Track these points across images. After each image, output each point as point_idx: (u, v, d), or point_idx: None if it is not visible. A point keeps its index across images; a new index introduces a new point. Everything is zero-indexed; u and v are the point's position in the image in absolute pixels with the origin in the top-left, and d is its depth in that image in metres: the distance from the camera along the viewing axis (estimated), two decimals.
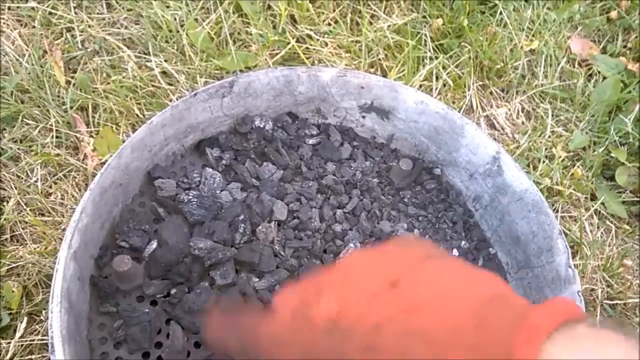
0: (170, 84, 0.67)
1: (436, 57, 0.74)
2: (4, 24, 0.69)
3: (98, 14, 0.72)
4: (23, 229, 0.56)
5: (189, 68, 0.68)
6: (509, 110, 0.75)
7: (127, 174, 0.45)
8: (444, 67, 0.74)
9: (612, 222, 0.69)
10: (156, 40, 0.70)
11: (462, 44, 0.76)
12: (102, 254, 0.44)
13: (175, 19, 0.71)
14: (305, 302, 0.28)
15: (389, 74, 0.72)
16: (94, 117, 0.64)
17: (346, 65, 0.72)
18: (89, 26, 0.70)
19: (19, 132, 0.62)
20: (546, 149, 0.71)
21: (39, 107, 0.63)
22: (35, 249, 0.55)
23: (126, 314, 0.41)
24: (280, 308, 0.31)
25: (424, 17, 0.78)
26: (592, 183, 0.70)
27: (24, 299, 0.53)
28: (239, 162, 0.51)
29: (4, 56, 0.66)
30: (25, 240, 0.56)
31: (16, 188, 0.58)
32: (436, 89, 0.73)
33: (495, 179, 0.52)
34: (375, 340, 0.25)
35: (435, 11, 0.78)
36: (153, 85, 0.66)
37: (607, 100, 0.75)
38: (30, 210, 0.57)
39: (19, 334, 0.50)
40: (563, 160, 0.71)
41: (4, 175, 0.59)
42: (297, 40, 0.72)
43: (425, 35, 0.75)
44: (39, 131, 0.62)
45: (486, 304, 0.23)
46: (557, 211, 0.67)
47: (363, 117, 0.56)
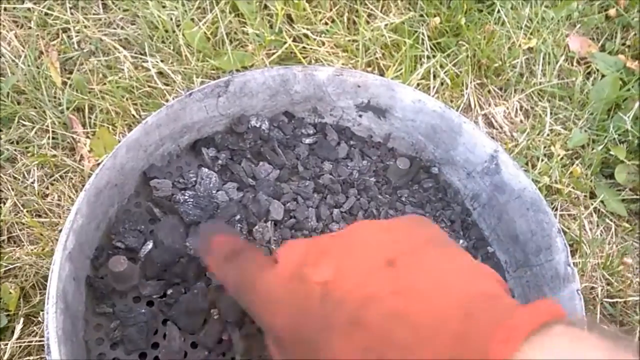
0: (166, 84, 0.67)
1: (434, 56, 0.74)
2: None
3: (94, 14, 0.72)
4: (20, 230, 0.56)
5: (185, 68, 0.68)
6: (507, 108, 0.75)
7: (122, 174, 0.45)
8: (441, 66, 0.74)
9: (611, 220, 0.68)
10: (152, 40, 0.69)
11: (460, 42, 0.76)
12: (98, 254, 0.44)
13: (172, 19, 0.71)
14: (305, 263, 0.28)
15: (387, 73, 0.72)
16: (90, 117, 0.64)
17: (343, 64, 0.72)
18: (85, 27, 0.70)
19: (15, 133, 0.62)
20: (545, 147, 0.71)
21: (35, 108, 0.63)
22: (32, 250, 0.55)
23: (122, 315, 0.41)
24: (282, 262, 0.30)
25: (421, 15, 0.78)
26: (592, 181, 0.70)
27: (21, 300, 0.53)
28: (235, 161, 0.51)
29: (0, 57, 0.66)
30: (23, 242, 0.56)
31: (13, 189, 0.58)
32: (434, 87, 0.72)
33: (493, 177, 0.52)
34: (361, 316, 0.25)
35: (433, 10, 0.78)
36: (149, 86, 0.66)
37: (606, 98, 0.75)
38: (27, 211, 0.57)
39: (16, 335, 0.50)
40: (562, 158, 0.70)
41: (1, 176, 0.59)
42: (293, 40, 0.72)
43: (423, 34, 0.75)
44: (36, 132, 0.62)
45: (476, 299, 0.24)
46: (556, 209, 0.67)
47: (360, 116, 0.55)
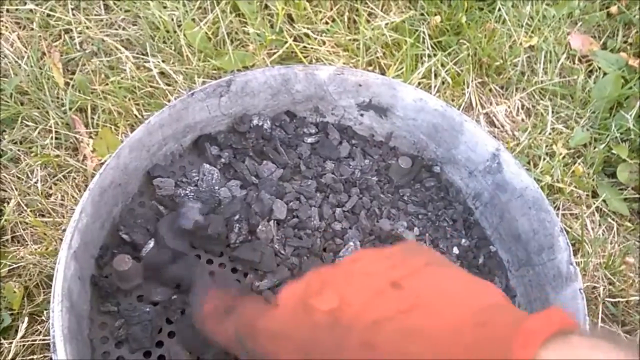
0: (168, 84, 0.67)
1: (434, 55, 0.74)
2: (2, 26, 0.69)
3: (96, 15, 0.72)
4: (24, 229, 0.57)
5: (186, 68, 0.68)
6: (509, 107, 0.75)
7: (126, 174, 0.45)
8: (442, 65, 0.74)
9: (613, 220, 0.68)
10: (154, 40, 0.70)
11: (461, 41, 0.76)
12: (103, 253, 0.44)
13: (173, 20, 0.71)
14: (307, 296, 0.28)
15: (387, 72, 0.72)
16: (93, 118, 0.64)
17: (344, 63, 0.72)
18: (87, 28, 0.70)
19: (18, 133, 0.62)
20: (546, 146, 0.71)
21: (38, 108, 0.64)
22: (36, 249, 0.55)
23: (127, 313, 0.41)
24: (282, 302, 0.30)
25: (422, 14, 0.78)
26: (593, 180, 0.70)
27: (25, 299, 0.53)
28: (238, 160, 0.51)
29: (3, 58, 0.67)
30: (26, 241, 0.56)
31: (16, 189, 0.58)
32: (435, 86, 0.72)
33: (495, 176, 0.52)
34: (373, 338, 0.24)
35: (433, 8, 0.78)
36: (151, 86, 0.66)
37: (608, 96, 0.75)
38: (30, 211, 0.57)
39: (20, 334, 0.51)
40: (564, 157, 0.70)
41: (5, 176, 0.59)
42: (294, 39, 0.72)
43: (424, 33, 0.75)
44: (39, 132, 0.62)
45: (485, 309, 0.24)
46: (558, 209, 0.67)
47: (361, 115, 0.56)
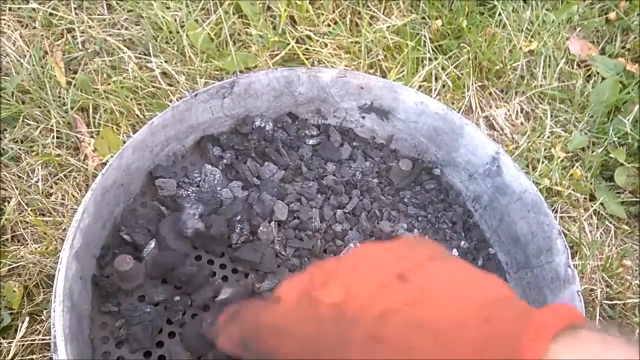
0: (170, 85, 0.67)
1: (435, 58, 0.75)
2: (4, 25, 0.69)
3: (99, 15, 0.72)
4: (24, 229, 0.57)
5: (189, 69, 0.69)
6: (508, 110, 0.75)
7: (128, 174, 0.46)
8: (443, 68, 0.74)
9: (611, 223, 0.69)
10: (156, 41, 0.70)
11: (461, 44, 0.76)
12: (104, 253, 0.44)
13: (176, 20, 0.71)
14: (310, 289, 0.28)
15: (389, 74, 0.72)
16: (94, 117, 0.64)
17: (346, 66, 0.72)
18: (90, 27, 0.70)
19: (19, 132, 0.62)
20: (545, 149, 0.72)
21: (39, 107, 0.64)
22: (36, 249, 0.55)
23: (128, 313, 0.41)
24: (283, 295, 0.29)
25: (423, 18, 0.78)
26: (591, 183, 0.70)
27: (25, 299, 0.53)
28: (240, 161, 0.51)
29: (5, 57, 0.67)
30: (26, 241, 0.56)
31: (17, 188, 0.58)
32: (435, 89, 0.73)
33: (494, 179, 0.53)
34: (380, 331, 0.24)
35: (435, 12, 0.78)
36: (153, 86, 0.67)
37: (606, 100, 0.76)
38: (31, 210, 0.57)
39: (20, 333, 0.51)
40: (562, 160, 0.71)
41: (5, 175, 0.59)
42: (296, 41, 0.72)
43: (425, 36, 0.76)
44: (40, 132, 0.62)
45: (492, 303, 0.24)
46: (557, 211, 0.67)
47: (363, 117, 0.56)
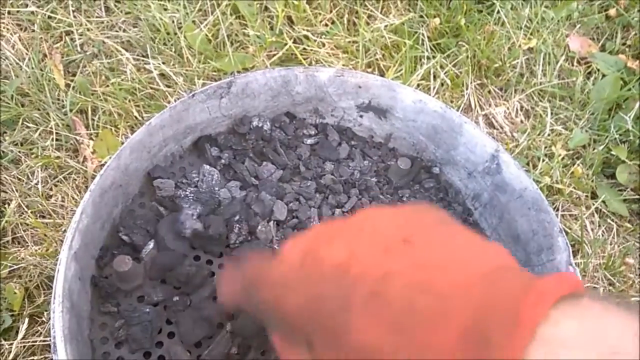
0: (168, 86, 0.68)
1: (434, 57, 0.74)
2: (4, 28, 0.70)
3: (97, 17, 0.72)
4: (24, 231, 0.57)
5: (187, 70, 0.69)
6: (508, 109, 0.75)
7: (126, 175, 0.46)
8: (441, 67, 0.74)
9: (613, 221, 0.68)
10: (154, 42, 0.70)
11: (460, 43, 0.76)
12: (103, 254, 0.44)
13: (173, 22, 0.71)
14: (316, 248, 0.28)
15: (387, 73, 0.72)
16: (93, 119, 0.64)
17: (344, 65, 0.72)
18: (88, 30, 0.71)
19: (19, 135, 0.62)
20: (546, 147, 0.71)
21: (39, 110, 0.64)
22: (36, 250, 0.56)
23: (127, 314, 0.41)
24: (289, 253, 0.29)
25: (421, 16, 0.78)
26: (593, 181, 0.70)
27: (25, 300, 0.53)
28: (238, 161, 0.51)
29: (4, 60, 0.67)
30: (27, 242, 0.56)
31: (17, 190, 0.59)
32: (434, 88, 0.73)
33: (494, 177, 0.52)
34: (382, 290, 0.24)
35: (432, 10, 0.78)
36: (151, 88, 0.67)
37: (607, 98, 0.75)
38: (31, 212, 0.57)
39: (20, 335, 0.51)
40: (563, 158, 0.70)
41: (5, 178, 0.59)
42: (294, 41, 0.72)
43: (423, 35, 0.76)
44: (39, 134, 0.63)
45: (496, 270, 0.24)
46: (558, 210, 0.67)
47: (361, 116, 0.56)
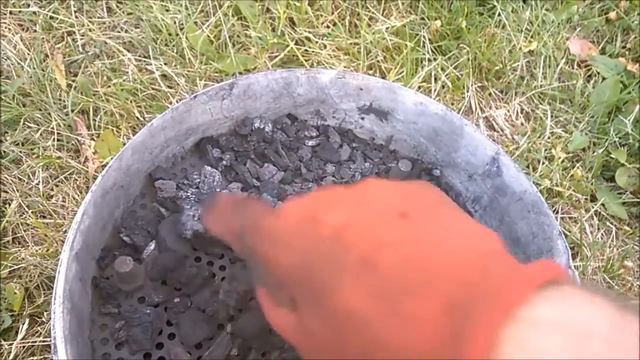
0: (170, 87, 0.68)
1: (435, 59, 0.75)
2: (5, 28, 0.70)
3: (99, 18, 0.72)
4: (25, 231, 0.57)
5: (188, 71, 0.69)
6: (508, 111, 0.75)
7: (128, 175, 0.46)
8: (442, 69, 0.74)
9: (612, 224, 0.68)
10: (156, 43, 0.70)
11: (461, 45, 0.76)
12: (104, 255, 0.44)
13: (175, 23, 0.71)
14: (315, 210, 0.28)
15: (388, 75, 0.72)
16: (94, 120, 0.64)
17: (345, 67, 0.72)
18: (90, 30, 0.71)
19: (20, 135, 0.62)
20: (546, 150, 0.72)
21: (40, 110, 0.64)
22: (36, 251, 0.56)
23: (128, 315, 0.41)
24: (289, 210, 0.30)
25: (422, 19, 0.78)
26: (592, 184, 0.70)
27: (25, 300, 0.53)
28: (240, 162, 0.51)
29: (6, 60, 0.67)
30: (27, 243, 0.56)
31: (18, 190, 0.59)
32: (435, 90, 0.73)
33: (494, 179, 0.53)
34: (374, 258, 0.25)
35: (434, 13, 0.78)
36: (153, 88, 0.67)
37: (607, 101, 0.76)
38: (32, 212, 0.57)
39: (20, 335, 0.51)
40: (563, 161, 0.71)
41: (6, 178, 0.59)
42: (295, 43, 0.73)
43: (424, 37, 0.76)
44: (41, 134, 0.63)
45: (486, 253, 0.25)
46: (557, 212, 0.67)
47: (362, 118, 0.56)
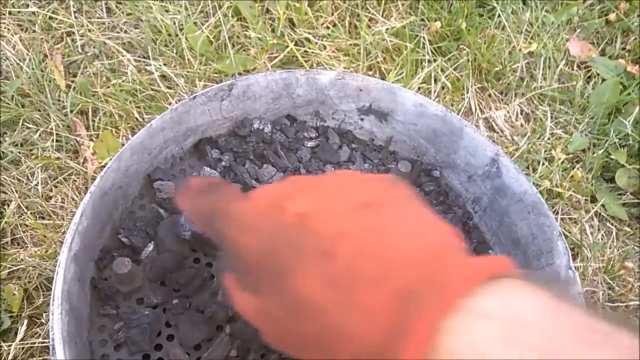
0: (169, 88, 0.68)
1: (434, 60, 0.75)
2: (4, 28, 0.70)
3: (98, 18, 0.72)
4: (24, 232, 0.57)
5: (188, 72, 0.69)
6: (508, 112, 0.75)
7: (126, 176, 0.46)
8: (442, 70, 0.74)
9: (612, 224, 0.68)
10: (155, 44, 0.70)
11: (461, 46, 0.76)
12: (102, 256, 0.44)
13: (175, 23, 0.71)
14: (282, 197, 0.30)
15: (388, 76, 0.72)
16: (94, 120, 0.64)
17: (345, 68, 0.72)
18: (89, 30, 0.71)
19: (19, 135, 0.62)
20: (545, 151, 0.72)
21: (39, 111, 0.64)
22: (35, 252, 0.55)
23: (126, 316, 0.41)
24: (257, 196, 0.32)
25: (422, 20, 0.78)
26: (592, 185, 0.70)
27: (24, 302, 0.53)
28: (239, 163, 0.51)
29: (5, 60, 0.67)
30: (26, 244, 0.56)
31: (17, 191, 0.58)
32: (435, 91, 0.73)
33: (494, 180, 0.52)
34: (333, 247, 0.26)
35: (434, 14, 0.78)
36: (152, 89, 0.67)
37: (607, 102, 0.76)
38: (30, 213, 0.57)
39: (19, 336, 0.51)
40: (563, 162, 0.71)
41: (5, 178, 0.59)
42: (295, 44, 0.73)
43: (424, 38, 0.76)
44: (40, 135, 0.63)
45: (439, 247, 0.26)
46: (557, 213, 0.67)
47: (361, 119, 0.56)
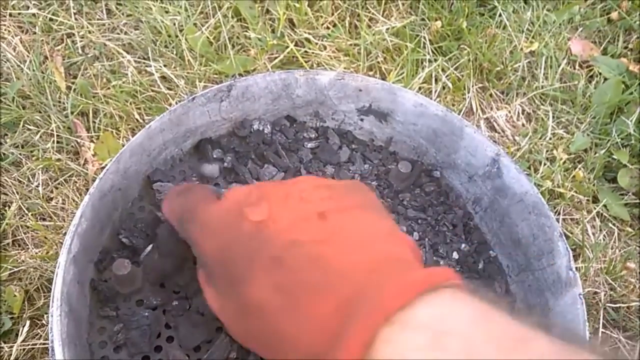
0: (169, 89, 0.68)
1: (435, 60, 0.74)
2: (5, 30, 0.70)
3: (98, 19, 0.72)
4: (25, 233, 0.57)
5: (188, 73, 0.69)
6: (509, 112, 0.75)
7: (126, 178, 0.46)
8: (443, 70, 0.74)
9: (614, 225, 0.68)
10: (155, 45, 0.70)
11: (462, 46, 0.76)
12: (102, 257, 0.44)
13: (175, 24, 0.71)
14: (244, 203, 0.31)
15: (388, 77, 0.72)
16: (94, 122, 0.64)
17: (345, 68, 0.72)
18: (89, 32, 0.71)
19: (20, 137, 0.62)
20: (547, 151, 0.71)
21: (40, 112, 0.64)
22: (36, 253, 0.56)
23: (126, 318, 0.41)
24: (223, 201, 0.32)
25: (423, 19, 0.78)
26: (594, 185, 0.70)
27: (25, 303, 0.53)
28: (241, 163, 0.51)
29: (5, 62, 0.67)
30: (27, 245, 0.56)
31: (18, 193, 0.59)
32: (435, 91, 0.73)
33: (494, 181, 0.52)
34: (283, 256, 0.27)
35: (434, 14, 0.78)
36: (153, 90, 0.67)
37: (609, 101, 0.75)
38: (31, 215, 0.57)
39: (21, 338, 0.51)
40: (564, 162, 0.70)
41: (6, 180, 0.59)
42: (295, 44, 0.73)
43: (424, 38, 0.75)
44: (40, 136, 0.63)
45: (387, 259, 0.27)
46: (559, 214, 0.67)
47: (361, 120, 0.56)
